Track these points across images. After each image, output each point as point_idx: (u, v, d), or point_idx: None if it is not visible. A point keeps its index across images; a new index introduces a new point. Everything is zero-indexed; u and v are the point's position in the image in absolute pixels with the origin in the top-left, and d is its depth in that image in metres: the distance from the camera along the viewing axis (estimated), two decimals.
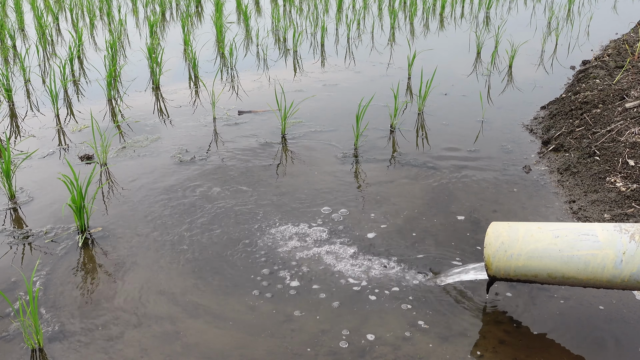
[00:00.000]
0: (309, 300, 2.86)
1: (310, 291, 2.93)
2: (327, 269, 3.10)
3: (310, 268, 3.11)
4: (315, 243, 3.34)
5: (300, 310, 2.78)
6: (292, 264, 3.15)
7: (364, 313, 2.77)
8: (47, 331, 2.67)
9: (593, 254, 2.36)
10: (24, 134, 5.10)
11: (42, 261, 3.20)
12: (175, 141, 4.87)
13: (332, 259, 3.18)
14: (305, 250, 3.27)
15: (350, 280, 3.00)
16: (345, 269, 3.10)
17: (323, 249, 3.28)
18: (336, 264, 3.14)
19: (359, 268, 3.10)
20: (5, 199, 3.89)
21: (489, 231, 2.62)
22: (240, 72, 7.04)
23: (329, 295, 2.89)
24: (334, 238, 3.38)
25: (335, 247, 3.29)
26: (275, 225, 3.53)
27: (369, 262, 3.15)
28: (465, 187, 4.00)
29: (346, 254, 3.23)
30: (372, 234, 3.43)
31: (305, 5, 12.00)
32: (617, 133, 4.24)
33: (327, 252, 3.24)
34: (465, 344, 2.57)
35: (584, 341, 2.58)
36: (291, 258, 3.20)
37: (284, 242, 3.35)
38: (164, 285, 3.01)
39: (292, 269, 3.11)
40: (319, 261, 3.16)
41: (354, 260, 3.17)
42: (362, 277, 3.02)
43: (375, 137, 4.87)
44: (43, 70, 7.24)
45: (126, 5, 12.45)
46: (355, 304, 2.83)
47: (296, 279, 3.02)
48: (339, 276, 3.03)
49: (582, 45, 8.04)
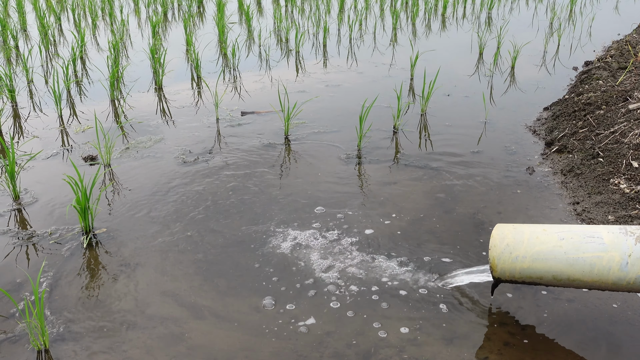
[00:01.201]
0: (311, 301, 2.86)
1: (313, 292, 2.93)
2: (329, 269, 3.10)
3: (313, 268, 3.11)
4: (318, 244, 3.34)
5: (304, 312, 2.79)
6: (297, 264, 3.15)
7: (367, 314, 2.77)
8: (52, 332, 2.68)
9: (599, 257, 2.36)
10: (28, 134, 5.11)
11: (47, 262, 3.21)
12: (178, 142, 4.87)
13: (335, 260, 3.18)
14: (308, 251, 3.27)
15: (353, 281, 3.00)
16: (348, 270, 3.10)
17: (326, 249, 3.28)
18: (339, 265, 3.14)
19: (362, 269, 3.11)
20: (9, 199, 3.90)
21: (494, 233, 2.62)
22: (242, 73, 7.05)
23: (331, 296, 2.89)
24: (337, 239, 3.38)
25: (338, 248, 3.29)
26: (279, 226, 3.54)
27: (372, 263, 3.15)
28: (468, 188, 4.00)
29: (349, 255, 3.23)
30: (376, 235, 3.43)
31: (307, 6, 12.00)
32: (620, 134, 4.24)
33: (330, 253, 3.25)
34: (470, 346, 2.57)
35: (589, 343, 2.58)
36: (296, 259, 3.20)
37: (289, 243, 3.35)
38: (169, 286, 3.01)
39: (297, 270, 3.11)
40: (322, 262, 3.16)
41: (356, 262, 3.17)
42: (365, 278, 3.03)
43: (379, 138, 4.88)
44: (46, 70, 7.25)
45: (128, 6, 12.45)
46: (359, 305, 2.83)
47: (301, 279, 3.03)
48: (342, 277, 3.04)
49: (584, 46, 8.04)
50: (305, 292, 2.93)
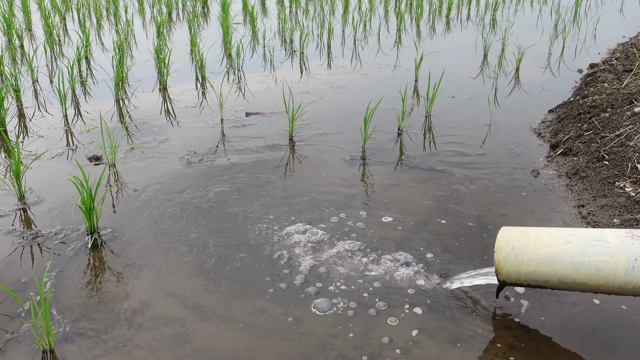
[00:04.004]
0: (314, 302, 2.86)
1: (317, 294, 2.93)
2: (331, 270, 3.10)
3: (317, 270, 3.11)
4: (322, 245, 3.34)
5: (309, 313, 2.79)
6: (301, 265, 3.15)
7: (372, 316, 2.77)
8: (57, 332, 2.68)
9: (605, 260, 2.36)
10: (33, 134, 5.12)
11: (52, 262, 3.21)
12: (183, 142, 4.88)
13: (338, 261, 3.18)
14: (312, 252, 3.27)
15: (358, 283, 3.00)
16: (352, 271, 3.10)
17: (329, 251, 3.28)
18: (342, 266, 3.14)
19: (367, 271, 3.10)
20: (14, 199, 3.91)
21: (500, 236, 2.61)
22: (247, 73, 7.05)
23: (332, 298, 2.89)
24: (341, 240, 3.38)
25: (341, 250, 3.29)
26: (283, 227, 3.54)
27: (376, 265, 3.15)
28: (473, 190, 3.99)
29: (352, 256, 3.23)
30: (380, 237, 3.43)
31: (312, 7, 12.01)
32: (626, 137, 4.23)
33: (333, 254, 3.24)
34: (475, 349, 2.57)
35: (594, 347, 2.58)
36: (300, 260, 3.20)
37: (293, 244, 3.35)
38: (174, 287, 3.02)
39: (301, 271, 3.11)
40: (325, 262, 3.16)
41: (361, 263, 3.17)
42: (370, 280, 3.02)
43: (383, 140, 4.87)
44: (51, 70, 7.26)
45: (133, 6, 12.48)
46: (364, 306, 2.83)
47: (305, 280, 3.03)
48: (346, 279, 3.04)
49: (589, 48, 8.03)
50: (307, 292, 2.93)
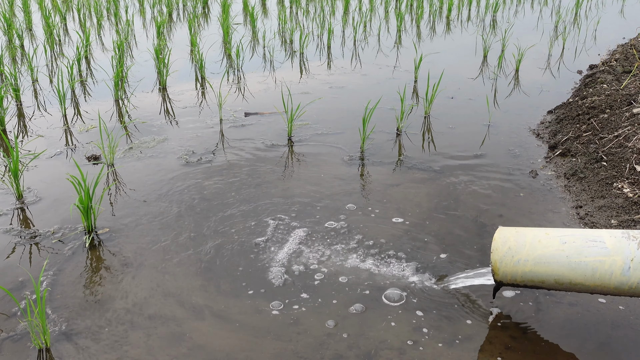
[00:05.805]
0: (314, 302, 2.86)
1: (315, 295, 2.93)
2: (332, 270, 3.10)
3: (315, 270, 3.11)
4: (321, 245, 3.34)
5: (305, 312, 2.79)
6: (298, 265, 3.15)
7: (369, 316, 2.77)
8: (54, 331, 2.69)
9: (601, 261, 2.36)
10: (32, 133, 5.13)
11: (49, 261, 3.21)
12: (182, 142, 4.88)
13: (338, 261, 3.18)
14: (311, 253, 3.27)
15: (356, 284, 3.00)
16: (350, 271, 3.10)
17: (328, 251, 3.28)
18: (341, 266, 3.14)
19: (364, 271, 3.10)
20: (12, 198, 3.91)
21: (496, 236, 2.61)
22: (246, 74, 7.06)
23: (334, 299, 2.89)
24: (339, 241, 3.38)
25: (340, 250, 3.29)
26: (282, 227, 3.54)
27: (374, 265, 3.15)
28: (471, 191, 3.99)
29: (351, 256, 3.23)
30: (378, 237, 3.43)
31: (312, 7, 12.02)
32: (624, 139, 4.23)
33: (333, 255, 3.25)
34: (471, 350, 2.57)
35: (591, 347, 2.57)
36: (298, 260, 3.20)
37: (291, 244, 3.35)
38: (171, 287, 3.02)
39: (299, 270, 3.11)
40: (324, 263, 3.16)
41: (359, 263, 3.17)
42: (367, 280, 3.02)
43: (382, 140, 4.87)
44: (50, 70, 7.27)
45: (133, 6, 12.49)
46: (361, 306, 2.83)
47: (303, 280, 3.03)
48: (344, 279, 3.03)
49: (589, 49, 8.03)
50: (306, 292, 2.93)
